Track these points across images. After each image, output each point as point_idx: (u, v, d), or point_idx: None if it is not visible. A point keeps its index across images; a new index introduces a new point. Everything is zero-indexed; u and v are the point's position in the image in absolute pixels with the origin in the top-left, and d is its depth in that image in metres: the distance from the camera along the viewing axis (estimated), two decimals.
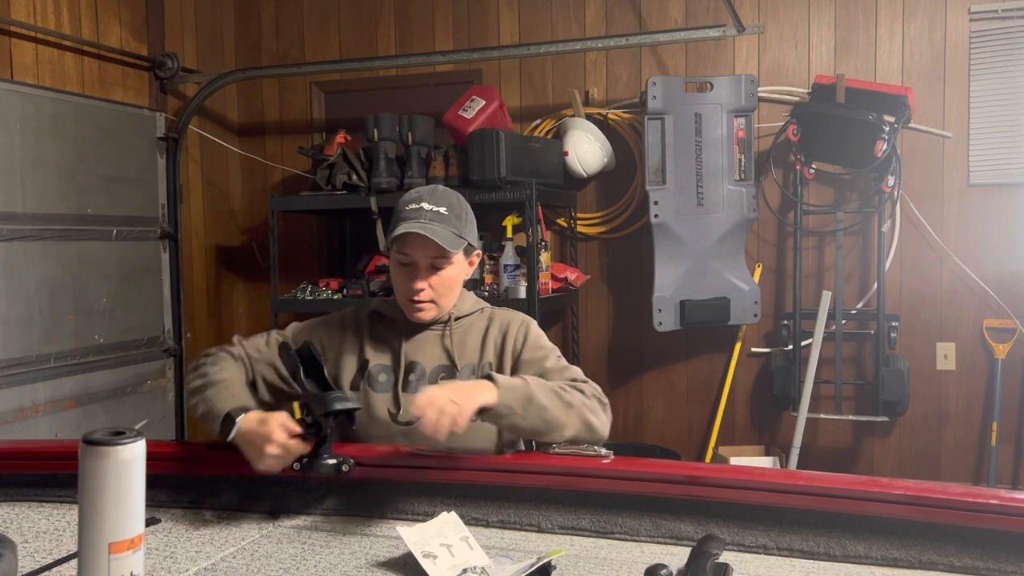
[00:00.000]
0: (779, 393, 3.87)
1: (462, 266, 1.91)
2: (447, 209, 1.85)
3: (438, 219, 1.82)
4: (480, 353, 1.92)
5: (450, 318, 1.93)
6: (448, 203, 1.86)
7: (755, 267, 4.03)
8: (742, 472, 1.72)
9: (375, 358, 1.91)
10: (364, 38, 4.56)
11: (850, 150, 3.66)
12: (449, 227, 1.83)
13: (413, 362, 1.90)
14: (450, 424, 1.53)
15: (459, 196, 1.92)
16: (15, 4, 3.64)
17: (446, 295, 1.89)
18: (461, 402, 1.55)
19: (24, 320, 3.58)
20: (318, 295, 4.00)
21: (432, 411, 1.52)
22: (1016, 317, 3.77)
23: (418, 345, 1.92)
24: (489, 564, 1.36)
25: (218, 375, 1.79)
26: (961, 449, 3.90)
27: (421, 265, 1.84)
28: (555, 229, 4.28)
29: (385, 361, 1.91)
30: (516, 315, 1.98)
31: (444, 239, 1.81)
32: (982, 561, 1.36)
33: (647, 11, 4.17)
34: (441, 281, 1.86)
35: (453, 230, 1.84)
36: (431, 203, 1.84)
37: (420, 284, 1.84)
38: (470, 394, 1.59)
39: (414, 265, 1.85)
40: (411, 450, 1.70)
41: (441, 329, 1.93)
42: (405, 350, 1.91)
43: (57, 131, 3.74)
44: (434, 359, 1.91)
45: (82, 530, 1.08)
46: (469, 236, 1.89)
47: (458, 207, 1.88)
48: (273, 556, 1.45)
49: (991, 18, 3.78)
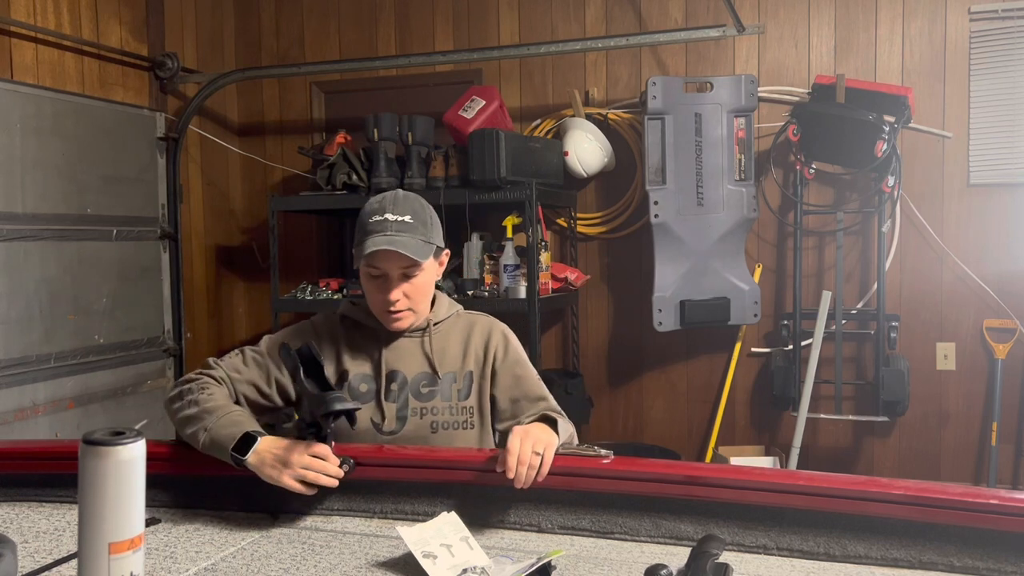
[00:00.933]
0: (779, 393, 3.87)
1: (433, 270, 1.90)
2: (411, 216, 1.82)
3: (404, 229, 1.80)
4: (461, 361, 1.92)
5: (428, 324, 1.92)
6: (412, 210, 1.84)
7: (755, 267, 4.03)
8: (742, 472, 1.72)
9: (354, 367, 1.89)
10: (364, 38, 4.56)
11: (850, 150, 3.66)
12: (416, 236, 1.81)
13: (394, 371, 1.89)
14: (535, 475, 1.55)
15: (421, 200, 1.89)
16: (15, 4, 3.64)
17: (421, 302, 1.89)
18: (542, 452, 1.56)
19: (24, 320, 3.59)
20: (318, 295, 4.00)
21: (522, 468, 1.53)
22: (1016, 317, 3.77)
23: (397, 353, 1.90)
24: (489, 564, 1.36)
25: (210, 401, 1.72)
26: (961, 449, 3.90)
27: (393, 276, 1.81)
28: (555, 229, 4.29)
29: (365, 370, 1.89)
30: (495, 324, 1.99)
31: (413, 250, 1.79)
32: (982, 561, 1.36)
33: (647, 11, 4.17)
34: (415, 289, 1.85)
35: (421, 238, 1.82)
36: (395, 213, 1.81)
37: (395, 295, 1.82)
38: (547, 442, 1.59)
39: (385, 277, 1.82)
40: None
41: (420, 336, 1.92)
42: (385, 358, 1.89)
43: (57, 131, 3.74)
44: (415, 367, 1.90)
45: (82, 530, 1.08)
46: (436, 239, 1.87)
47: (422, 212, 1.86)
48: (273, 556, 1.45)
49: (991, 18, 3.78)
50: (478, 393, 1.91)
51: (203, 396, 1.73)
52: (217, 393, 1.77)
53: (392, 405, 1.87)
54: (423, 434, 1.86)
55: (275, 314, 4.02)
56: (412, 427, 1.86)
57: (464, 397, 1.90)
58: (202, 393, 1.74)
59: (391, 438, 1.85)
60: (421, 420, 1.87)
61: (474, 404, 1.90)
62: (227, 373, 1.84)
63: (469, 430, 1.89)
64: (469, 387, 1.91)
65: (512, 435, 1.57)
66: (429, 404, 1.88)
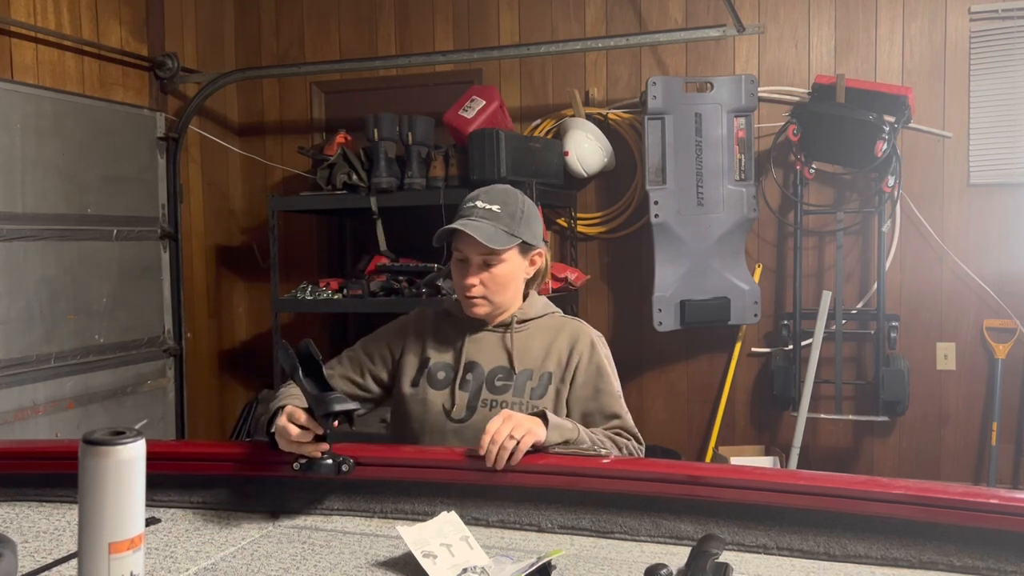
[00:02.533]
0: (779, 393, 3.87)
1: (518, 264, 1.93)
2: (500, 207, 1.88)
3: (488, 216, 1.86)
4: (542, 361, 1.93)
5: (513, 320, 1.95)
6: (503, 201, 1.90)
7: (755, 267, 4.03)
8: (742, 472, 1.72)
9: (436, 356, 1.96)
10: (364, 38, 4.56)
11: (850, 150, 3.66)
12: (499, 225, 1.86)
13: (472, 362, 1.94)
14: (507, 457, 1.58)
15: (520, 195, 1.94)
16: (15, 4, 3.64)
17: (499, 292, 1.92)
18: (519, 437, 1.59)
19: (24, 320, 3.58)
20: (318, 295, 4.00)
21: (494, 447, 1.58)
22: (1016, 317, 3.77)
23: (479, 345, 1.95)
24: (489, 564, 1.36)
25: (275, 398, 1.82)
26: (961, 449, 3.90)
27: (473, 262, 1.89)
28: (555, 229, 4.28)
29: (446, 359, 1.96)
30: (584, 330, 1.99)
31: (487, 236, 1.83)
32: (982, 561, 1.36)
33: (647, 11, 4.17)
34: (493, 278, 1.89)
35: (503, 228, 1.86)
36: (485, 201, 1.89)
37: (471, 280, 1.89)
38: (528, 429, 1.61)
39: (467, 261, 1.89)
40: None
41: (503, 331, 1.96)
42: (466, 349, 1.94)
43: (57, 131, 3.73)
44: (493, 360, 1.94)
45: (82, 530, 1.08)
46: (524, 234, 1.90)
47: (512, 205, 1.90)
48: (273, 556, 1.45)
49: (991, 18, 3.78)
50: (554, 395, 1.91)
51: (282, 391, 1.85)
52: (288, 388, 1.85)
53: (464, 394, 1.91)
54: None
55: (275, 314, 4.01)
56: (480, 417, 1.87)
57: (538, 396, 1.90)
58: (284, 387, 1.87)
59: (459, 426, 1.89)
60: (490, 412, 1.87)
61: (548, 405, 1.90)
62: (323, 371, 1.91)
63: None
64: (545, 388, 1.91)
65: (496, 417, 1.62)
66: (500, 397, 1.90)
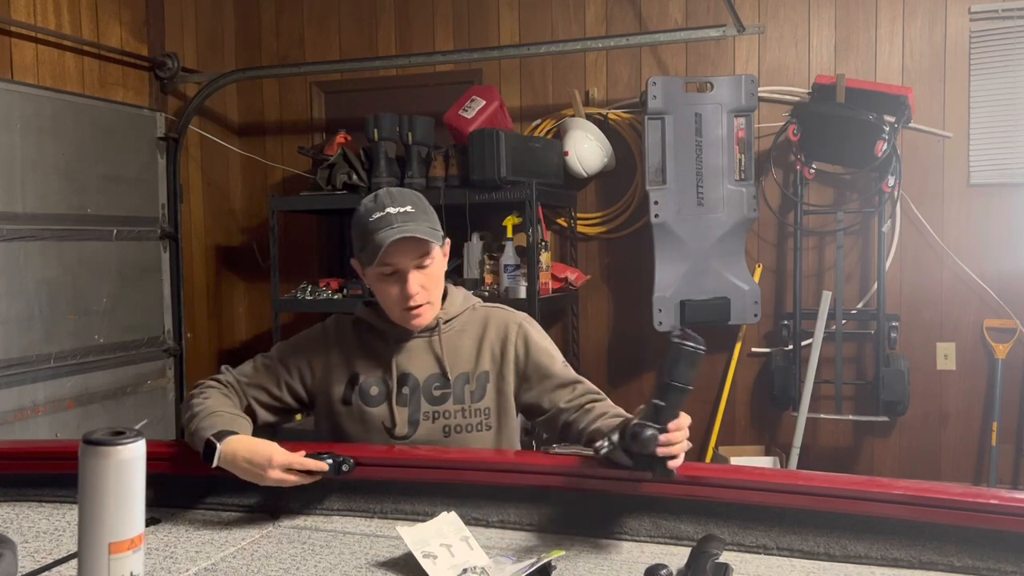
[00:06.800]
0: (779, 393, 3.87)
1: (441, 260, 1.85)
2: (412, 207, 1.78)
3: (410, 219, 1.76)
4: (475, 361, 1.86)
5: (438, 322, 1.86)
6: (411, 201, 1.79)
7: (755, 267, 4.03)
8: (742, 472, 1.72)
9: (365, 370, 1.85)
10: (364, 38, 4.56)
11: (850, 150, 3.66)
12: (422, 223, 1.77)
13: (405, 373, 1.84)
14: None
15: (416, 192, 1.86)
16: (15, 4, 3.64)
17: (436, 292, 1.84)
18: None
19: (24, 320, 3.58)
20: (318, 295, 4.00)
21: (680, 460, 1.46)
22: (1016, 317, 3.77)
23: (408, 355, 1.85)
24: (489, 564, 1.36)
25: (201, 405, 1.73)
26: (961, 449, 3.90)
27: (408, 270, 1.76)
28: (555, 229, 4.28)
29: (376, 373, 1.85)
30: (512, 316, 1.91)
31: (428, 234, 1.75)
32: (982, 561, 1.36)
33: (647, 11, 4.17)
34: (430, 279, 1.80)
35: (428, 224, 1.78)
36: (395, 206, 1.76)
37: (413, 288, 1.76)
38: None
39: (399, 273, 1.77)
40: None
41: (429, 336, 1.86)
42: (396, 360, 1.84)
43: (57, 131, 3.73)
44: (425, 368, 1.85)
45: (82, 530, 1.08)
46: (440, 228, 1.83)
47: (420, 203, 1.82)
48: (273, 556, 1.45)
49: (991, 18, 3.78)
50: (495, 393, 1.85)
51: (196, 402, 1.76)
52: (213, 397, 1.77)
53: (404, 409, 1.82)
54: (436, 438, 1.82)
55: (275, 314, 4.01)
56: (424, 431, 1.82)
57: (478, 399, 1.84)
58: (199, 399, 1.77)
59: (404, 443, 1.81)
60: (433, 424, 1.82)
61: (490, 405, 1.84)
62: (236, 378, 1.85)
63: (485, 432, 1.84)
64: (484, 388, 1.84)
65: (683, 417, 1.45)
66: (442, 408, 1.83)
